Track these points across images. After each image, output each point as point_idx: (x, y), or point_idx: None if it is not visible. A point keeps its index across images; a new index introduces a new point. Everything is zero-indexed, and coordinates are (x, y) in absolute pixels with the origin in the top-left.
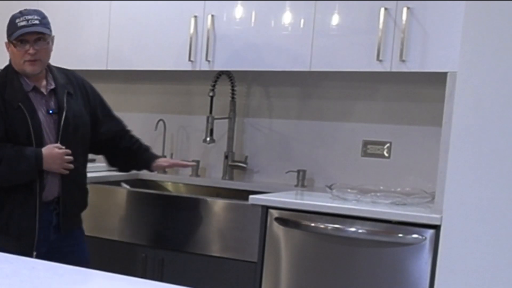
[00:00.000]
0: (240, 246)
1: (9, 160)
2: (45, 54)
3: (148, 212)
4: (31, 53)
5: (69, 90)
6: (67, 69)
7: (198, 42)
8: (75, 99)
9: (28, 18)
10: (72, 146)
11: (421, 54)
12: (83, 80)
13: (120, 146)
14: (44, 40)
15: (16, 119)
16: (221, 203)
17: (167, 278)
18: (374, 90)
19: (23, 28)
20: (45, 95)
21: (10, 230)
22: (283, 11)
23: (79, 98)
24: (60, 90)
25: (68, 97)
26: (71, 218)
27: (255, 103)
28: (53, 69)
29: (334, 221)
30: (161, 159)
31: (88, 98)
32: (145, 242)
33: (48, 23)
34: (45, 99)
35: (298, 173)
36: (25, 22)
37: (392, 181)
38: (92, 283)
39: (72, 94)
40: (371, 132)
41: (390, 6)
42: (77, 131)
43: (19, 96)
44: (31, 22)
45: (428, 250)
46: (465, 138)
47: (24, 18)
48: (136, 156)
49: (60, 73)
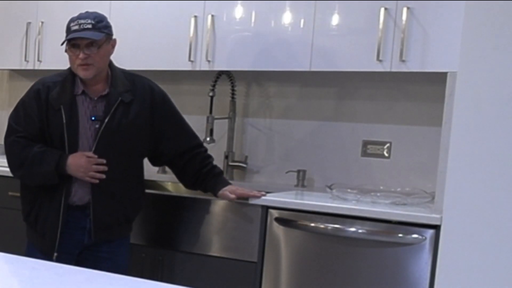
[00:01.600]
0: (240, 246)
1: (33, 161)
2: (98, 58)
3: (148, 212)
4: (82, 58)
5: (125, 99)
6: (140, 76)
7: (198, 42)
8: (130, 109)
9: (81, 22)
10: (109, 155)
11: (421, 54)
12: (154, 91)
13: (188, 165)
14: (96, 44)
15: (54, 121)
16: (221, 203)
17: (166, 278)
18: (374, 90)
19: (74, 32)
20: (94, 100)
21: (37, 226)
22: (283, 11)
23: (139, 108)
24: (112, 97)
25: (120, 105)
26: (103, 227)
27: (255, 103)
28: (116, 75)
29: (334, 221)
30: (229, 188)
31: (154, 110)
32: (145, 242)
33: (104, 26)
34: (92, 104)
35: (298, 173)
36: (77, 27)
37: (392, 181)
38: (92, 283)
39: (129, 103)
40: (371, 132)
41: (390, 6)
42: (118, 141)
43: (64, 99)
44: (82, 27)
45: (428, 250)
46: (465, 138)
47: (77, 22)
48: (204, 180)
49: (126, 79)
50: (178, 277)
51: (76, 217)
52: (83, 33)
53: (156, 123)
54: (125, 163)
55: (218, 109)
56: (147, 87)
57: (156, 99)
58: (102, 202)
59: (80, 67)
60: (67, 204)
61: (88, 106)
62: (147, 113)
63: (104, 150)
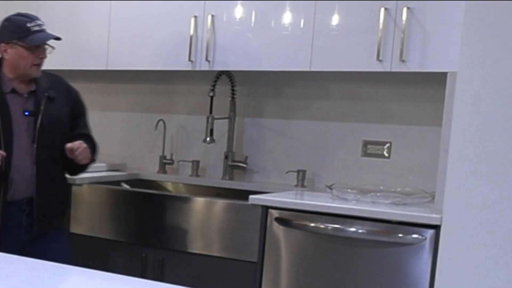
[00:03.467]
0: (240, 246)
1: None
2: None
3: (148, 212)
4: (43, 58)
5: (50, 95)
6: (54, 75)
7: (198, 42)
8: (56, 104)
9: (39, 23)
10: (49, 148)
11: (421, 54)
12: (69, 87)
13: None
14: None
15: None
16: (221, 203)
17: (167, 278)
18: (374, 90)
19: (39, 33)
20: (24, 97)
21: None
22: (283, 11)
23: (62, 103)
24: (40, 93)
25: (47, 101)
26: (46, 220)
27: (255, 103)
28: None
29: (334, 221)
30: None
31: (72, 105)
32: (145, 242)
33: None
34: (23, 100)
35: (298, 173)
36: (38, 27)
37: (392, 181)
38: (92, 283)
39: (54, 98)
40: (371, 132)
41: (390, 6)
42: (54, 134)
43: None
44: (42, 27)
45: (428, 250)
46: (465, 138)
47: (35, 22)
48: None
49: (45, 77)
50: (178, 277)
51: (11, 214)
52: (49, 34)
53: (75, 117)
54: (59, 155)
55: (218, 109)
56: (64, 84)
57: (73, 95)
58: (45, 195)
59: (36, 66)
60: (6, 201)
61: (19, 102)
62: (69, 107)
63: (43, 143)
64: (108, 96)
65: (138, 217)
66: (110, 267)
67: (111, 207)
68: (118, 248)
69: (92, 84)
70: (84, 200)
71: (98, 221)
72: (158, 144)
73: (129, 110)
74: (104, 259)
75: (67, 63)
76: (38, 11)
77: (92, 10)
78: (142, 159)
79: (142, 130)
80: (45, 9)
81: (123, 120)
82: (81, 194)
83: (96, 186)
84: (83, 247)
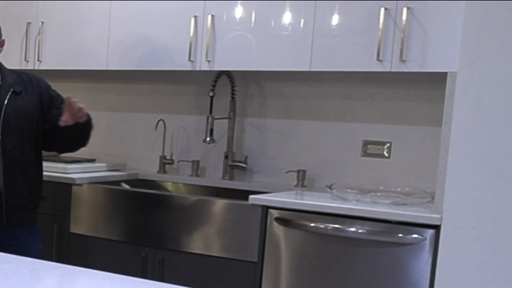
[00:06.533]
0: (240, 246)
1: None
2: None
3: (148, 212)
4: None
5: (16, 89)
6: (24, 72)
7: (198, 42)
8: (22, 96)
9: None
10: (16, 139)
11: (421, 54)
12: (38, 80)
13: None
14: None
15: None
16: (221, 203)
17: (167, 278)
18: (374, 90)
19: None
20: None
21: None
22: (283, 11)
23: (30, 96)
24: (4, 88)
25: (13, 95)
26: (16, 213)
27: (255, 103)
28: (5, 69)
29: (334, 221)
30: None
31: (41, 95)
32: (145, 242)
33: None
34: None
35: (298, 173)
36: None
37: (392, 181)
38: (92, 283)
39: (20, 92)
40: (371, 132)
41: (390, 6)
42: (21, 125)
43: None
44: None
45: (428, 250)
46: (465, 138)
47: None
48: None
49: (12, 74)
50: (178, 277)
51: None
52: None
53: (50, 100)
54: (30, 147)
55: (218, 109)
56: (33, 78)
57: (41, 85)
58: (14, 187)
59: None
60: None
61: None
62: (38, 99)
63: (9, 135)
64: (108, 96)
65: (138, 217)
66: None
67: (111, 207)
68: (118, 248)
69: (92, 84)
70: (84, 200)
71: (98, 221)
72: (158, 144)
73: (129, 110)
74: (104, 259)
75: (67, 63)
76: (38, 11)
77: (92, 10)
78: (142, 159)
79: (142, 130)
80: (45, 9)
81: (123, 120)
82: (81, 194)
83: (96, 186)
84: (83, 247)
